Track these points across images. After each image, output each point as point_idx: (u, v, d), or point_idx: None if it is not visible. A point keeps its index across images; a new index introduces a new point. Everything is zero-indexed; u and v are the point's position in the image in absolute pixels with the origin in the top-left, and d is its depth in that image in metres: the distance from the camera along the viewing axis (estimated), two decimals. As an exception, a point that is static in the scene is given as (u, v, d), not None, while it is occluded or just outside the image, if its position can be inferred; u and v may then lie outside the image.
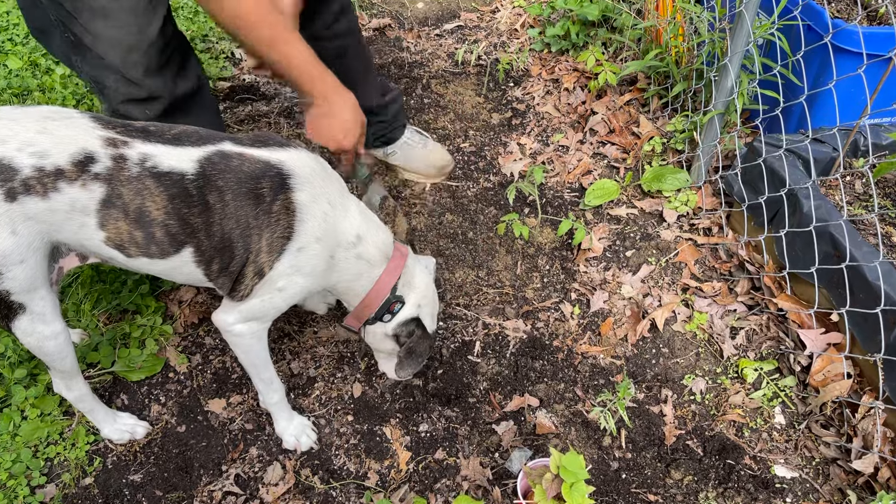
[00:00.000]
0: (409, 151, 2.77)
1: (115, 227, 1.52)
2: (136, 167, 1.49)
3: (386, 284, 1.82)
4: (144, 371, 2.16)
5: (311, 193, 1.61)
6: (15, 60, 3.23)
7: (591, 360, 2.26)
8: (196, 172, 1.53)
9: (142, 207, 1.51)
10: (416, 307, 1.89)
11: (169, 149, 1.54)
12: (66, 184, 1.45)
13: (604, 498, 1.93)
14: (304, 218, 1.60)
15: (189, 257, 1.60)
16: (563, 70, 3.34)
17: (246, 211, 1.56)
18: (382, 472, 1.99)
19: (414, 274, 1.89)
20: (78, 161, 1.46)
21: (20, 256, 1.51)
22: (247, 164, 1.57)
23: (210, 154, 1.56)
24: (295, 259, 1.62)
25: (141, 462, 2.00)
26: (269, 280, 1.64)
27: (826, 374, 2.03)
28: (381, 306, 1.84)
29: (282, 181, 1.58)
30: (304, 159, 1.65)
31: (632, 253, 2.56)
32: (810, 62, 2.42)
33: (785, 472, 1.97)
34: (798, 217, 2.14)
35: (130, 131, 1.54)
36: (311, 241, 1.62)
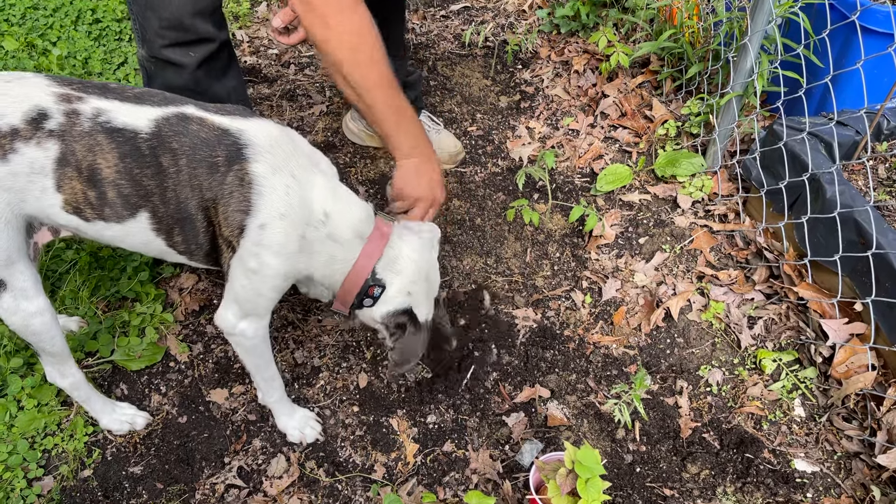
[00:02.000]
0: None
1: (71, 188, 1.47)
2: (89, 122, 1.44)
3: (363, 268, 1.66)
4: (144, 360, 2.10)
5: (270, 165, 1.50)
6: (11, 41, 3.15)
7: (604, 350, 2.20)
8: (150, 132, 1.46)
9: (93, 165, 1.45)
10: (406, 294, 1.71)
11: (126, 106, 1.48)
12: (22, 143, 1.41)
13: (618, 492, 1.87)
14: (263, 191, 1.49)
15: (146, 223, 1.53)
16: (572, 52, 3.25)
17: (200, 179, 1.48)
18: (389, 464, 1.93)
19: (400, 253, 1.70)
20: (31, 118, 1.42)
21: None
22: (205, 129, 1.49)
23: (169, 115, 1.49)
24: (258, 236, 1.51)
25: (141, 454, 1.94)
26: (240, 259, 1.55)
27: (849, 365, 1.96)
28: (359, 291, 1.69)
29: (238, 150, 1.49)
30: (267, 129, 1.55)
31: (645, 240, 2.49)
32: (832, 43, 2.33)
33: (805, 466, 1.90)
34: (821, 203, 2.07)
35: (87, 87, 1.49)
36: (273, 217, 1.51)
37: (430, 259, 1.78)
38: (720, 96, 2.48)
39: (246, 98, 2.31)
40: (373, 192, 2.65)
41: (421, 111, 2.71)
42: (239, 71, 2.22)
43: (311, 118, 2.95)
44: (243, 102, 2.27)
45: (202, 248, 1.58)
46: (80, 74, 3.03)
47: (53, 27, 3.26)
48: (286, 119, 2.93)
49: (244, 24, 3.48)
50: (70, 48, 3.14)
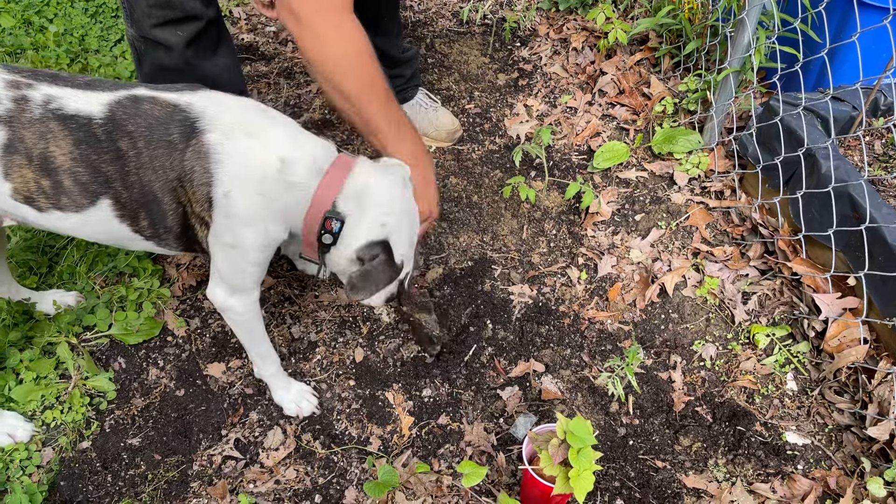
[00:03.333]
0: (419, 113, 2.70)
1: (21, 176, 1.46)
2: (39, 109, 1.43)
3: (320, 200, 1.55)
4: (142, 334, 2.12)
5: (223, 131, 1.47)
6: (7, 18, 3.14)
7: (599, 326, 2.21)
8: (104, 116, 1.44)
9: (46, 153, 1.44)
10: (380, 226, 1.59)
11: (77, 92, 1.46)
12: None
13: (611, 464, 1.89)
14: (221, 158, 1.46)
15: (108, 210, 1.51)
16: (571, 29, 3.24)
17: (161, 160, 1.46)
18: (385, 437, 1.95)
19: (367, 183, 1.58)
20: None
21: None
22: (157, 108, 1.47)
23: (121, 98, 1.47)
24: (225, 205, 1.48)
25: (139, 426, 1.96)
26: (215, 235, 1.53)
27: (841, 339, 1.97)
28: (319, 228, 1.59)
29: (190, 124, 1.47)
30: (216, 97, 1.53)
31: (641, 217, 2.49)
32: (830, 17, 2.32)
33: (797, 438, 1.92)
34: (816, 178, 2.07)
35: (38, 75, 1.48)
36: (233, 181, 1.47)
37: (403, 194, 1.66)
38: (717, 72, 2.47)
39: (240, 76, 2.30)
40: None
41: (418, 88, 2.71)
42: (232, 48, 2.21)
43: (308, 96, 2.95)
44: (237, 80, 2.27)
45: (171, 230, 1.56)
46: (77, 52, 3.02)
47: (50, 4, 3.25)
48: (283, 97, 2.93)
49: (241, 0, 3.46)
50: (66, 25, 3.13)
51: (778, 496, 1.81)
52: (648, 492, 1.84)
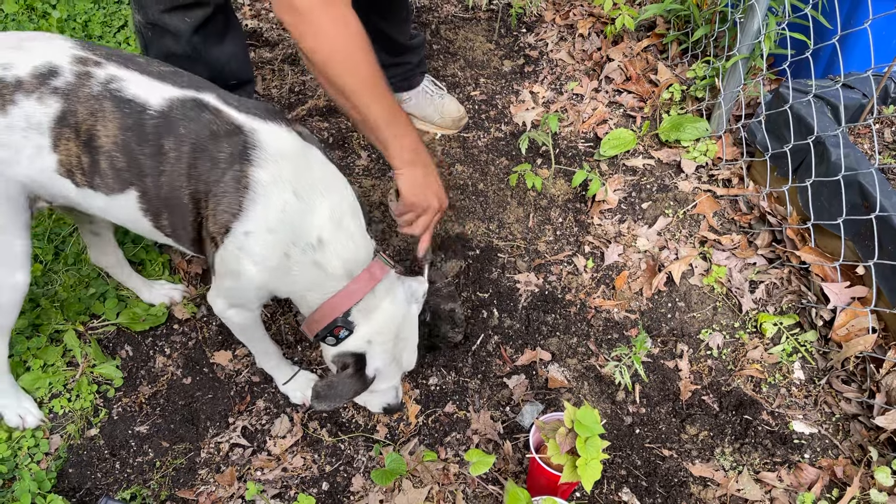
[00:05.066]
0: (425, 100, 2.68)
1: (67, 149, 1.45)
2: (99, 86, 1.41)
3: (337, 305, 1.56)
4: (149, 322, 2.12)
5: (273, 174, 1.43)
6: (10, 4, 3.12)
7: (605, 315, 2.20)
8: (159, 111, 1.42)
9: (92, 130, 1.42)
10: (365, 342, 1.61)
11: (144, 79, 1.43)
12: (22, 95, 1.40)
13: (617, 453, 1.90)
14: (257, 199, 1.43)
15: (134, 201, 1.49)
16: (577, 15, 3.21)
17: (199, 170, 1.43)
18: (391, 425, 1.96)
19: (381, 304, 1.61)
20: (39, 73, 1.40)
21: None
22: (217, 121, 1.44)
23: (185, 98, 1.44)
24: (242, 242, 1.46)
25: (147, 413, 1.97)
26: (222, 259, 1.51)
27: (850, 328, 1.96)
28: (326, 326, 1.59)
29: (244, 150, 1.42)
30: (283, 136, 1.48)
31: (648, 205, 2.48)
32: (841, 3, 2.29)
33: (803, 427, 1.92)
34: (825, 166, 2.05)
35: (111, 55, 1.46)
36: (260, 228, 1.45)
37: (407, 315, 1.68)
38: (726, 59, 2.45)
39: (248, 63, 2.29)
40: (374, 157, 2.64)
41: (424, 75, 2.69)
42: (240, 35, 2.19)
43: (312, 82, 2.93)
44: (244, 68, 2.25)
45: (188, 235, 1.55)
46: (81, 37, 3.00)
47: (53, -10, 3.22)
48: (287, 83, 2.91)
49: (245, -14, 3.44)
50: (70, 10, 3.11)
51: (785, 485, 1.81)
52: (655, 480, 1.84)
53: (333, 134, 2.71)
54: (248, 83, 2.28)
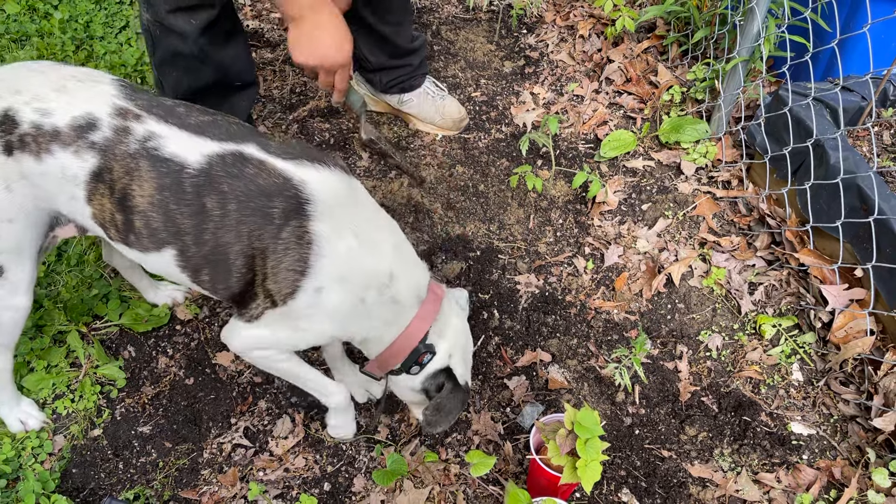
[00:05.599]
0: (426, 101, 2.69)
1: (100, 205, 1.43)
2: (136, 144, 1.37)
3: (417, 331, 1.55)
4: (151, 323, 2.13)
5: (333, 224, 1.40)
6: (12, 5, 3.13)
7: (605, 316, 2.22)
8: (199, 169, 1.37)
9: (127, 189, 1.39)
10: (448, 356, 1.62)
11: (182, 134, 1.39)
12: (59, 147, 1.37)
13: (617, 454, 1.91)
14: (323, 252, 1.39)
15: (171, 259, 1.46)
16: (578, 16, 3.22)
17: (249, 228, 1.38)
18: (393, 426, 1.97)
19: (448, 319, 1.62)
20: (78, 125, 1.37)
21: (9, 215, 1.46)
22: (263, 175, 1.39)
23: (226, 153, 1.39)
24: (315, 299, 1.43)
25: (150, 414, 1.98)
26: (285, 315, 1.47)
27: (848, 330, 1.98)
28: (408, 357, 1.58)
29: (298, 205, 1.38)
30: (333, 182, 1.44)
31: (648, 206, 2.49)
32: (841, 6, 2.30)
33: (802, 429, 1.93)
34: (824, 169, 2.06)
35: (151, 107, 1.41)
36: (331, 280, 1.42)
37: (465, 325, 1.70)
38: (726, 61, 2.46)
39: (251, 65, 2.30)
40: (376, 157, 2.65)
41: (425, 76, 2.70)
42: (244, 37, 2.21)
43: (314, 83, 2.94)
44: (248, 69, 2.26)
45: (230, 290, 1.49)
46: (82, 38, 3.01)
47: (54, -10, 3.22)
48: (289, 84, 2.92)
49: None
50: (71, 11, 3.12)
51: (783, 486, 1.83)
52: (654, 481, 1.86)
53: (335, 135, 2.72)
54: (252, 85, 2.29)
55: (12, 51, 2.95)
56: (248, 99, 2.31)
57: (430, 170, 2.62)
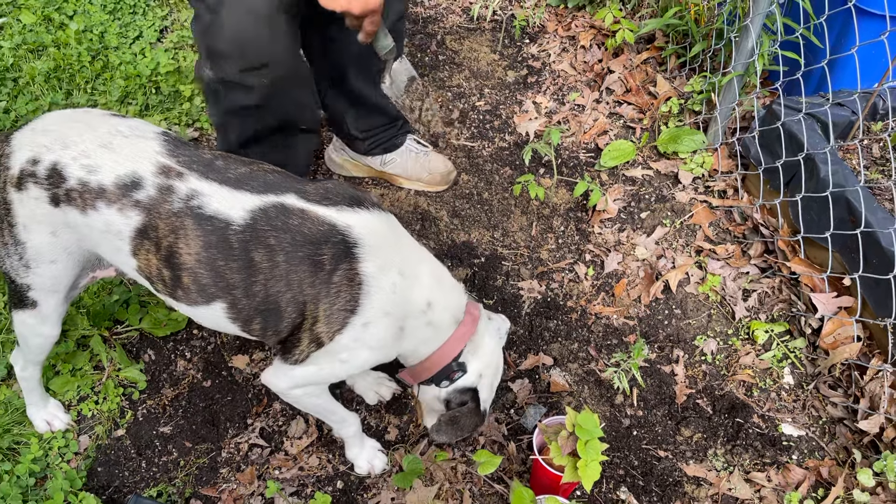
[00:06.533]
0: (412, 159, 2.61)
1: (146, 260, 1.47)
2: (180, 203, 1.41)
3: (451, 350, 1.63)
4: (170, 328, 2.22)
5: (379, 264, 1.47)
6: (28, 15, 3.21)
7: (605, 321, 2.31)
8: (244, 224, 1.41)
9: (173, 247, 1.43)
10: (477, 376, 1.69)
11: (223, 190, 1.43)
12: (104, 204, 1.43)
13: (615, 454, 2.00)
14: (371, 291, 1.46)
15: (220, 312, 1.50)
16: (579, 27, 3.30)
17: (300, 276, 1.43)
18: (402, 426, 2.06)
19: (483, 340, 1.69)
20: (123, 184, 1.42)
21: (53, 257, 1.54)
22: (308, 224, 1.44)
23: (268, 206, 1.43)
24: (360, 333, 1.49)
25: (170, 415, 2.07)
26: (329, 351, 1.52)
27: (836, 336, 2.07)
28: (440, 371, 1.66)
29: (346, 249, 1.44)
30: (374, 224, 1.51)
31: (646, 214, 2.58)
32: (832, 24, 2.38)
33: (792, 430, 2.03)
34: (815, 182, 2.16)
35: (192, 163, 1.45)
36: (378, 315, 1.49)
37: (499, 350, 1.77)
38: (722, 75, 2.55)
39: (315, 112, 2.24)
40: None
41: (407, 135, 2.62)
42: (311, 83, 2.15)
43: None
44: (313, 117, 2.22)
45: (278, 335, 1.54)
46: (98, 49, 3.09)
47: (69, 1, 3.31)
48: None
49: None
50: (86, 22, 3.20)
51: (773, 484, 1.92)
52: (651, 480, 1.95)
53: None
54: (314, 132, 2.27)
55: (29, 60, 3.03)
56: (311, 142, 2.32)
57: (436, 178, 2.71)
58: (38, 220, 1.49)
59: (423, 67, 3.15)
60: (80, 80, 2.95)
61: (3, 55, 3.01)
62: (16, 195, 1.48)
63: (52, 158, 1.45)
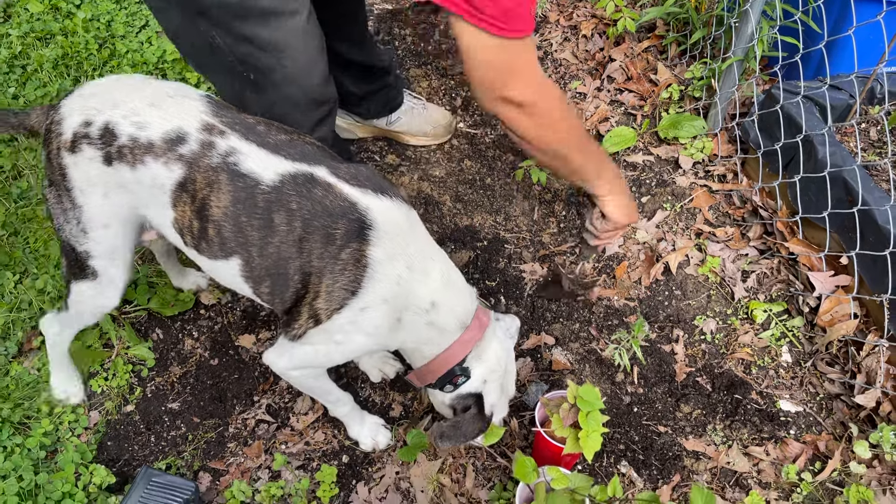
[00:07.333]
0: (414, 116, 2.71)
1: (182, 211, 1.53)
2: (218, 158, 1.47)
3: (454, 355, 1.63)
4: (178, 307, 2.26)
5: (388, 251, 1.48)
6: (36, 4, 3.25)
7: (606, 302, 2.34)
8: (272, 186, 1.46)
9: (206, 199, 1.49)
10: (482, 382, 1.69)
11: (260, 152, 1.49)
12: (152, 158, 1.48)
13: (616, 430, 2.04)
14: (375, 276, 1.47)
15: (236, 269, 1.55)
16: (581, 16, 3.33)
17: (311, 245, 1.47)
18: (406, 403, 2.10)
19: (489, 346, 1.68)
20: (169, 139, 1.48)
21: (106, 220, 1.58)
22: (330, 197, 1.47)
23: (297, 173, 1.48)
24: (356, 316, 1.51)
25: (178, 392, 2.11)
26: (324, 330, 1.55)
27: (833, 314, 2.10)
28: (443, 376, 1.66)
29: (360, 229, 1.46)
30: (394, 214, 1.53)
31: (647, 199, 2.62)
32: (830, 8, 2.42)
33: (790, 406, 2.06)
34: (813, 163, 2.19)
35: (235, 124, 1.51)
36: (377, 301, 1.50)
37: (509, 350, 1.77)
38: (722, 61, 2.58)
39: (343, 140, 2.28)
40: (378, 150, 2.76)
41: (404, 91, 2.70)
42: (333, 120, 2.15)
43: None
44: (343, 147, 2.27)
45: (284, 303, 1.58)
46: (105, 37, 3.13)
47: (76, -11, 3.35)
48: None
49: None
50: (93, 11, 3.24)
51: (771, 458, 1.96)
52: (651, 454, 1.98)
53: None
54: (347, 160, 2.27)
55: (37, 48, 3.07)
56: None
57: (440, 164, 2.75)
58: (92, 182, 1.54)
59: (426, 56, 3.18)
60: (88, 68, 2.99)
61: (11, 43, 3.05)
62: (70, 159, 1.53)
63: (103, 118, 1.51)
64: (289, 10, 1.67)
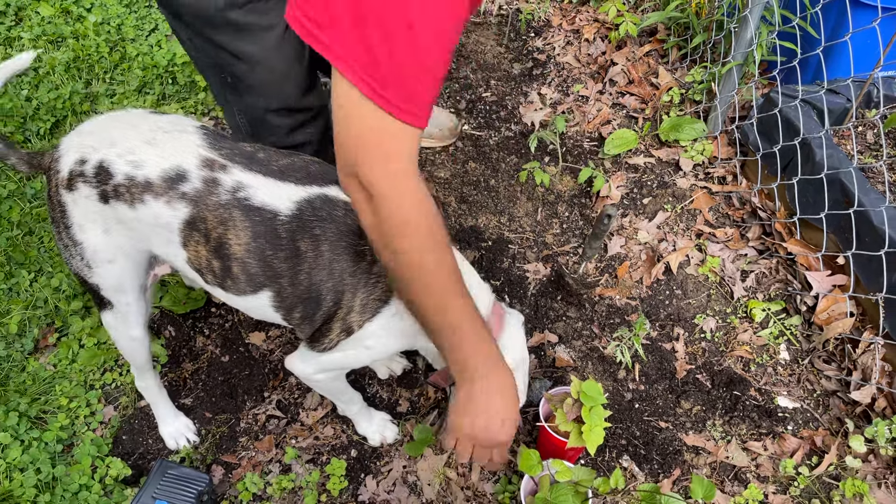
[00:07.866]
0: None
1: (195, 251, 1.51)
2: (227, 195, 1.44)
3: None
4: (189, 305, 2.31)
5: None
6: (46, 7, 3.31)
7: (608, 301, 2.39)
8: (291, 215, 1.44)
9: (223, 238, 1.46)
10: None
11: (268, 182, 1.46)
12: (151, 197, 1.46)
13: (618, 425, 2.09)
14: None
15: (267, 301, 1.54)
16: (583, 21, 3.39)
17: (342, 266, 1.47)
18: (413, 399, 2.15)
19: (511, 335, 1.67)
20: (169, 178, 1.45)
21: (109, 256, 1.59)
22: (352, 215, 1.45)
23: (312, 197, 1.46)
24: (388, 322, 1.53)
25: (190, 388, 2.16)
26: (357, 338, 1.56)
27: (830, 313, 2.15)
28: None
29: None
30: None
31: (648, 200, 2.67)
32: (828, 14, 2.47)
33: (787, 402, 2.11)
34: (811, 165, 2.24)
35: (234, 155, 1.49)
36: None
37: (525, 346, 1.75)
38: (722, 65, 2.64)
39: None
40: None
41: None
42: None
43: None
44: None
45: (314, 324, 1.57)
46: (115, 41, 3.19)
47: (86, -7, 3.40)
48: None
49: None
50: (104, 15, 3.29)
51: (769, 453, 2.01)
52: (652, 449, 2.03)
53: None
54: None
55: (49, 51, 3.13)
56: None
57: (445, 166, 2.80)
58: (90, 219, 1.54)
59: (431, 59, 3.23)
60: (99, 70, 3.05)
61: (23, 46, 3.10)
62: (68, 196, 1.53)
63: (98, 157, 1.49)
64: (265, 25, 1.63)
